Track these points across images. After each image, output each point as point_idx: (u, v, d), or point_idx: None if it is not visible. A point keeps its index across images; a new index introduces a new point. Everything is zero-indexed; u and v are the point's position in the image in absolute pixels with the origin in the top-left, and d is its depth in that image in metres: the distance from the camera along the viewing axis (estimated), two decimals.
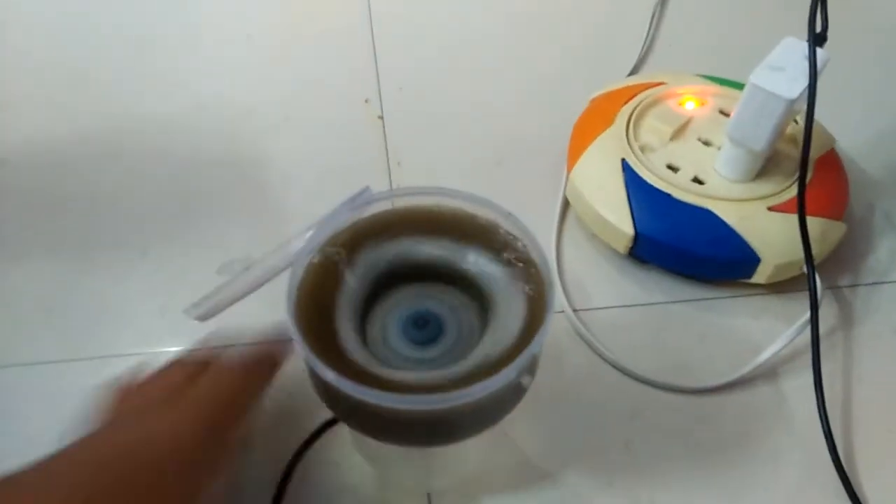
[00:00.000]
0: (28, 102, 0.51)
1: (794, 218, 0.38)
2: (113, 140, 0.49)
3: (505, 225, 0.28)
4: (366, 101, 0.52)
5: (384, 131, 0.50)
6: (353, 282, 0.28)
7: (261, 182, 0.47)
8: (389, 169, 0.48)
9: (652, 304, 0.41)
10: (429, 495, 0.34)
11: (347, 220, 0.29)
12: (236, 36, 0.56)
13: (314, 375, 0.26)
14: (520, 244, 0.28)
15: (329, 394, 0.26)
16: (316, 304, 0.27)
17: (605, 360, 0.39)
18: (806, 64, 0.37)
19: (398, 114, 0.51)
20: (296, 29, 0.57)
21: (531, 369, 0.26)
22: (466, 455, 0.34)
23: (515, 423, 0.34)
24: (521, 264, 0.28)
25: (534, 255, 0.27)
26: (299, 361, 0.27)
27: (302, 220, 0.29)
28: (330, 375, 0.24)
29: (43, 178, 0.47)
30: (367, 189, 0.30)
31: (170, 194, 0.46)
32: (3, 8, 0.58)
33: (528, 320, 0.26)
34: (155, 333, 0.39)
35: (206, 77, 0.53)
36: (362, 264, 0.28)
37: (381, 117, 0.51)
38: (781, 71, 0.37)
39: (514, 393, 0.26)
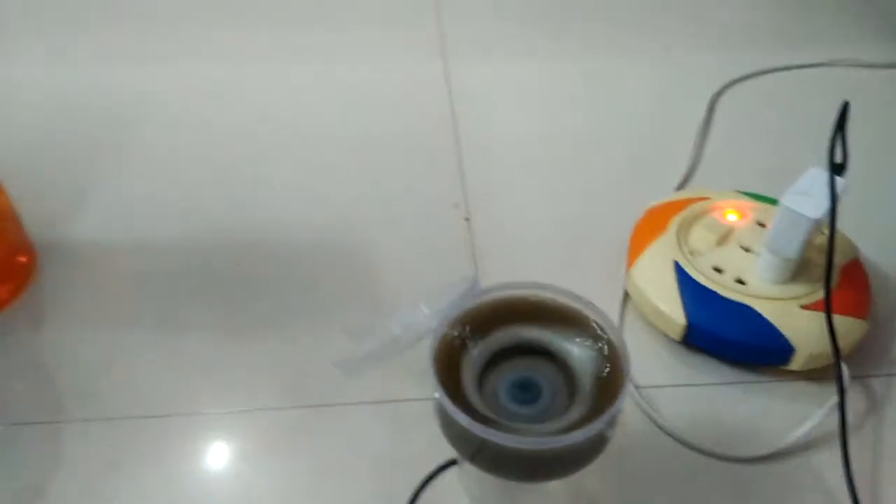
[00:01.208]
0: (168, 189, 0.63)
1: (823, 316, 0.46)
2: (253, 242, 0.59)
3: (589, 313, 0.37)
4: (455, 205, 0.62)
5: (471, 233, 0.59)
6: (474, 352, 0.36)
7: (367, 274, 0.56)
8: (477, 268, 0.56)
9: (703, 384, 0.49)
10: None
11: (464, 305, 0.38)
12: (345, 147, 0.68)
13: (446, 420, 0.34)
14: (600, 328, 0.36)
15: (458, 435, 0.34)
16: (449, 364, 0.35)
17: (663, 429, 0.46)
18: (828, 189, 0.45)
19: (484, 217, 0.60)
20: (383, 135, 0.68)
21: (614, 423, 0.34)
22: (549, 498, 0.41)
23: (593, 478, 0.42)
24: (602, 345, 0.36)
25: (612, 336, 0.36)
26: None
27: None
28: (464, 419, 0.32)
29: (194, 262, 0.57)
30: (476, 282, 0.39)
31: (309, 285, 0.55)
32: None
33: (608, 389, 0.34)
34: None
35: (320, 180, 0.64)
36: (481, 340, 0.37)
37: (468, 219, 0.60)
38: (807, 195, 0.45)
39: (601, 441, 0.34)
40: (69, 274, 0.55)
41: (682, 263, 0.50)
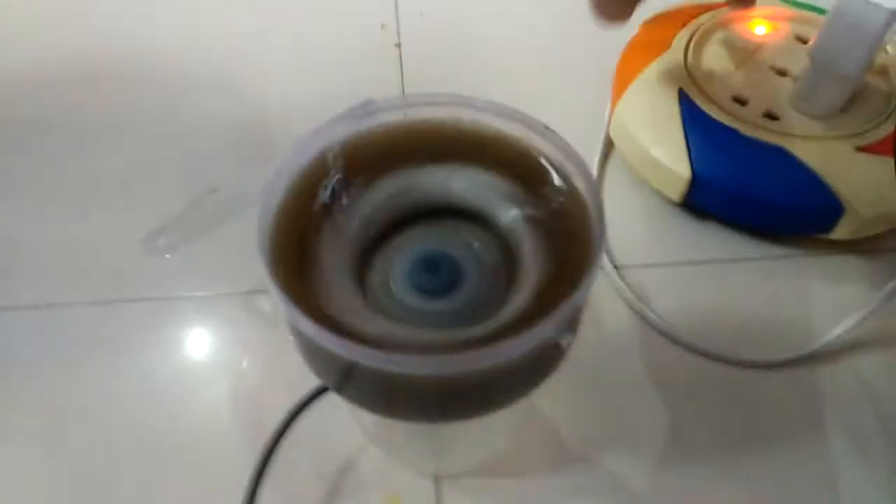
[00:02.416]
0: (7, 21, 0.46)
1: (890, 162, 0.32)
2: (101, 64, 0.43)
3: (541, 145, 0.22)
4: (382, 26, 0.45)
5: (401, 60, 0.43)
6: (347, 215, 0.22)
7: (260, 110, 0.41)
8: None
9: (709, 261, 0.35)
10: (436, 478, 0.28)
11: (342, 136, 0.23)
12: None
13: (296, 331, 0.20)
14: (560, 169, 0.22)
15: (314, 355, 0.20)
16: (298, 240, 0.21)
17: (653, 326, 0.32)
18: None
19: (418, 42, 0.45)
20: None
21: (572, 326, 0.20)
22: (484, 431, 0.28)
23: (545, 396, 0.29)
24: (560, 197, 0.21)
25: (578, 183, 0.21)
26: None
27: None
28: (310, 329, 0.18)
29: (16, 104, 0.41)
30: (369, 101, 0.24)
31: (157, 121, 0.40)
32: None
33: (567, 265, 0.20)
34: (133, 276, 0.34)
35: (205, 1, 0.47)
36: (359, 193, 0.22)
37: (399, 45, 0.44)
38: None
39: (551, 356, 0.20)
40: None
41: (690, 92, 0.35)
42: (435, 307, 0.21)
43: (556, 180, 0.22)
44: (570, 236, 0.20)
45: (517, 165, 0.22)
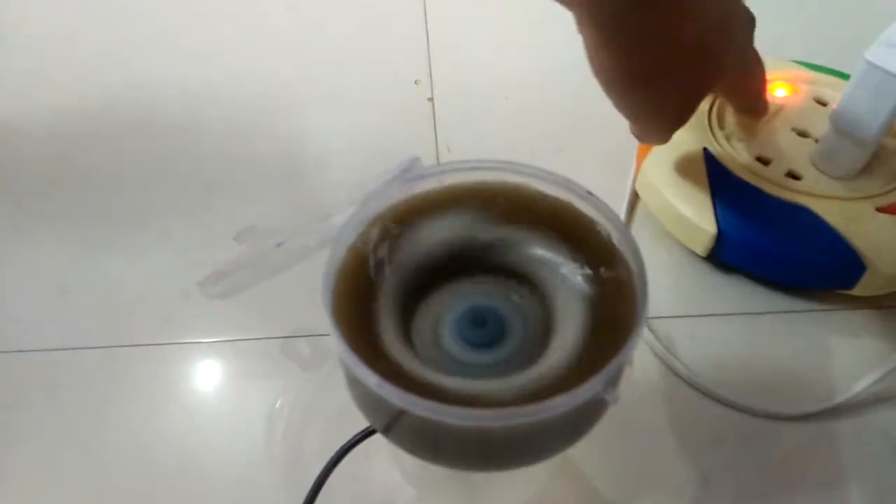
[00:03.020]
0: (54, 66, 0.48)
1: None
2: (142, 109, 0.45)
3: (584, 208, 0.24)
4: (416, 82, 0.47)
5: (434, 114, 0.45)
6: (401, 268, 0.23)
7: (298, 161, 0.43)
8: (438, 154, 0.43)
9: (734, 314, 0.36)
10: None
11: (395, 197, 0.24)
12: (278, 5, 0.53)
13: (352, 380, 0.21)
14: (602, 231, 0.23)
15: (369, 403, 0.21)
16: (358, 293, 0.22)
17: (680, 376, 0.33)
18: None
19: (450, 96, 0.47)
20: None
21: (615, 382, 0.21)
22: (518, 478, 0.29)
23: (579, 447, 0.30)
24: (603, 257, 0.23)
25: (619, 245, 0.23)
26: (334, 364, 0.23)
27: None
28: (372, 380, 0.19)
29: (64, 148, 0.43)
30: (416, 160, 0.25)
31: (199, 171, 0.42)
32: None
33: (610, 324, 0.22)
34: (176, 320, 0.35)
35: (243, 48, 0.50)
36: (410, 250, 0.24)
37: (432, 99, 0.46)
38: None
39: (595, 411, 0.21)
40: None
41: (714, 151, 0.37)
42: (480, 359, 0.23)
43: (598, 242, 0.23)
44: (613, 296, 0.22)
45: (561, 227, 0.24)
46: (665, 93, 0.29)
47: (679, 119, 0.31)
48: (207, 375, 0.34)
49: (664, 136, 0.33)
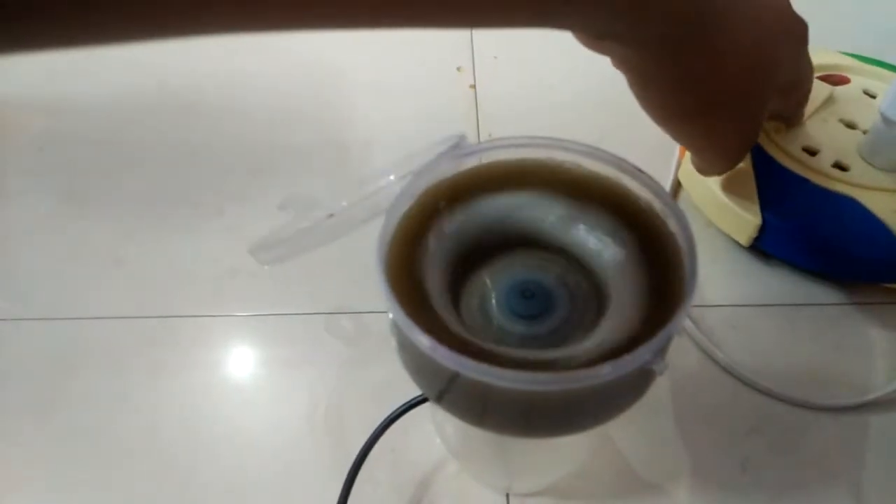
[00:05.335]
0: (111, 51, 0.50)
1: None
2: (196, 95, 0.47)
3: (632, 185, 0.24)
4: (458, 69, 0.48)
5: (476, 100, 0.46)
6: (450, 240, 0.24)
7: (344, 146, 0.44)
8: (479, 140, 0.44)
9: (775, 305, 0.36)
10: (508, 496, 0.30)
11: (446, 171, 0.25)
12: None
13: (405, 344, 0.22)
14: (651, 206, 0.23)
15: (421, 367, 0.22)
16: (409, 261, 0.23)
17: (720, 364, 0.33)
18: None
19: (492, 83, 0.47)
20: None
21: (664, 353, 0.21)
22: (558, 455, 0.29)
23: (616, 426, 0.30)
24: (651, 232, 0.23)
25: (668, 219, 0.23)
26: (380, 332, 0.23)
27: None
28: (426, 343, 0.20)
29: (121, 129, 0.45)
30: (463, 137, 0.26)
31: (248, 154, 0.43)
32: None
33: (659, 297, 0.22)
34: (225, 294, 0.36)
35: (294, 36, 0.51)
36: (463, 221, 0.24)
37: (474, 86, 0.47)
38: None
39: (643, 380, 0.21)
40: None
41: (762, 141, 0.37)
42: (528, 330, 0.23)
43: (647, 218, 0.23)
44: (662, 270, 0.22)
45: (610, 203, 0.24)
46: (723, 120, 0.29)
47: (744, 144, 0.31)
48: (254, 347, 0.35)
49: (729, 165, 0.33)
